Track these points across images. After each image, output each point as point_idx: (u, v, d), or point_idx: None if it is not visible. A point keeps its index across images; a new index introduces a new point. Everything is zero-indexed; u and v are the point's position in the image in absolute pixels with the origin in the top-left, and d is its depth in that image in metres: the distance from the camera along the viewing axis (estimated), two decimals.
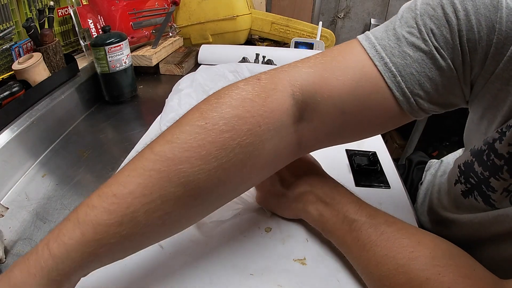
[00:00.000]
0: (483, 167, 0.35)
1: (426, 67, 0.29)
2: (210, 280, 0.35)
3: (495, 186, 0.34)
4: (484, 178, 0.35)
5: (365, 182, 0.49)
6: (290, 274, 0.36)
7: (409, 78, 0.29)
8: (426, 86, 0.30)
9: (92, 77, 0.74)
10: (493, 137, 0.32)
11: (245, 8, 1.08)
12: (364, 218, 0.33)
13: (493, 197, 0.35)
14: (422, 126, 1.47)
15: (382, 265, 0.30)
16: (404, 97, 0.30)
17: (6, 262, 0.37)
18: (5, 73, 0.61)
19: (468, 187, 0.39)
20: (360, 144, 0.59)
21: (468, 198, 0.39)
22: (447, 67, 0.29)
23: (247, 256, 0.38)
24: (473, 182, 0.37)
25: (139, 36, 0.91)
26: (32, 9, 0.67)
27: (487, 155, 0.34)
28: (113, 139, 0.63)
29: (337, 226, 0.35)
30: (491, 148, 0.33)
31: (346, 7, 2.10)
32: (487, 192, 0.35)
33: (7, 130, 0.50)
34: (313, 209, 0.37)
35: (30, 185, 0.50)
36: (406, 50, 0.29)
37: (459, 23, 0.28)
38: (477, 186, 0.37)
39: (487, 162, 0.34)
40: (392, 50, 0.30)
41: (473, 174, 0.37)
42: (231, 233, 0.40)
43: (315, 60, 0.31)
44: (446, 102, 0.33)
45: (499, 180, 0.33)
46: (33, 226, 0.42)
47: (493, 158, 0.33)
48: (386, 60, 0.30)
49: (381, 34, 0.31)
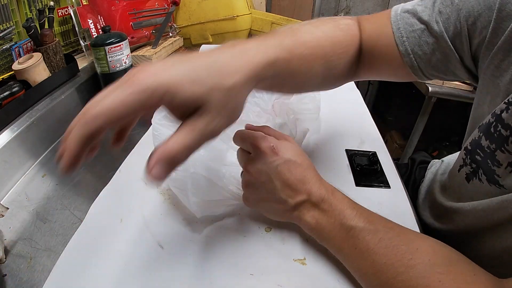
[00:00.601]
0: (490, 139, 0.36)
1: (425, 34, 0.38)
2: (210, 280, 0.35)
3: (501, 159, 0.35)
4: (491, 152, 0.36)
5: (365, 182, 0.49)
6: (290, 274, 0.36)
7: (412, 39, 0.39)
8: (424, 49, 0.39)
9: (92, 77, 0.74)
10: (500, 108, 0.35)
11: (245, 8, 1.08)
12: (361, 224, 0.33)
13: (497, 172, 0.36)
14: (422, 126, 1.47)
15: (381, 274, 0.30)
16: (406, 53, 0.40)
17: (6, 262, 0.37)
18: (5, 73, 0.61)
19: (473, 168, 0.40)
20: (360, 144, 0.59)
21: (472, 181, 0.40)
22: (441, 37, 0.37)
23: (247, 256, 0.38)
24: (479, 158, 0.38)
25: (139, 36, 0.91)
26: (32, 9, 0.67)
27: (494, 127, 0.36)
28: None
29: (334, 234, 0.34)
30: (498, 119, 0.35)
31: (346, 7, 2.10)
32: (493, 167, 0.36)
33: (7, 130, 0.50)
34: (310, 217, 0.36)
35: (30, 185, 0.50)
36: (414, 21, 0.39)
37: (460, 2, 0.35)
38: (482, 162, 0.38)
39: (494, 134, 0.36)
40: (405, 19, 0.40)
41: (480, 150, 0.38)
42: (231, 233, 0.40)
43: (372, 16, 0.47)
44: (446, 70, 0.40)
45: (505, 153, 0.35)
46: (33, 226, 0.42)
47: (500, 129, 0.35)
48: (399, 26, 0.40)
49: (406, 6, 0.41)
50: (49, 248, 0.39)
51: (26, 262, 0.37)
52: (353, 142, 0.60)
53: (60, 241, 0.40)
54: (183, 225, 0.42)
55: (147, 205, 0.45)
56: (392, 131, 1.99)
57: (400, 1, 0.44)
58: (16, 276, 0.35)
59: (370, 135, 0.63)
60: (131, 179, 0.49)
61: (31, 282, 0.35)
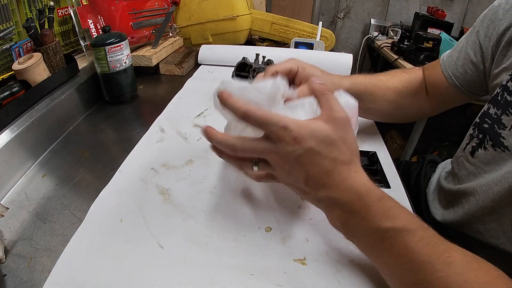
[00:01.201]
0: (497, 107, 0.44)
1: (460, 60, 0.54)
2: (210, 280, 0.35)
3: (506, 122, 0.42)
4: (497, 117, 0.44)
5: None
6: (290, 274, 0.36)
7: (452, 66, 0.55)
8: (460, 70, 0.54)
9: (92, 77, 0.74)
10: (506, 79, 0.44)
11: (245, 8, 1.08)
12: (400, 224, 0.31)
13: (503, 134, 0.43)
14: (422, 126, 1.47)
15: (419, 271, 0.30)
16: (448, 76, 0.55)
17: (6, 262, 0.37)
18: (5, 73, 0.61)
19: (479, 138, 0.47)
20: (360, 144, 0.59)
21: (477, 152, 0.46)
22: (477, 63, 0.52)
23: (247, 256, 0.38)
24: (486, 126, 0.46)
25: (139, 36, 0.91)
26: (32, 9, 0.67)
27: (501, 96, 0.44)
28: (113, 139, 0.63)
29: (367, 234, 0.32)
30: (505, 88, 0.44)
31: (346, 7, 2.10)
32: (498, 130, 0.43)
33: (7, 130, 0.50)
34: (337, 216, 0.34)
35: (30, 185, 0.50)
36: (457, 55, 0.55)
37: (482, 38, 0.50)
38: (489, 128, 0.45)
39: (500, 101, 0.44)
40: (445, 57, 0.58)
41: (487, 119, 0.46)
42: (231, 233, 0.40)
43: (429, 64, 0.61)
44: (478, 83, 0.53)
45: (509, 116, 0.42)
46: (33, 226, 0.42)
47: (506, 96, 0.43)
48: (443, 59, 0.58)
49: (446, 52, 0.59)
50: (49, 248, 0.39)
51: (26, 262, 0.37)
52: None
53: (60, 241, 0.40)
54: (183, 225, 0.42)
55: (147, 205, 0.45)
56: (392, 131, 1.99)
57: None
58: (16, 276, 0.35)
59: (370, 135, 0.63)
60: (131, 179, 0.49)
61: (31, 282, 0.35)
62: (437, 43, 1.41)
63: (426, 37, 1.42)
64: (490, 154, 0.44)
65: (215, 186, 0.48)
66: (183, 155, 0.55)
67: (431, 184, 0.63)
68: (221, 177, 0.50)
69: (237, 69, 0.69)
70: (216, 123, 0.65)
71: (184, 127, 0.64)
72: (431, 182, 0.63)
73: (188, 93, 0.80)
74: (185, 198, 0.46)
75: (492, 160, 0.44)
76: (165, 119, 0.67)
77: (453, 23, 1.71)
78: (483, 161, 0.46)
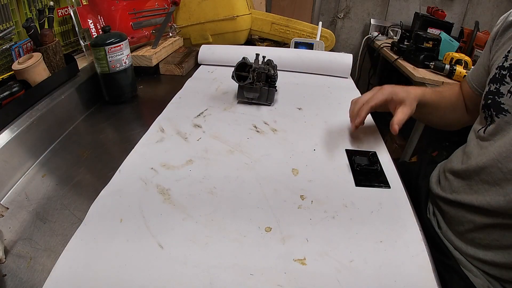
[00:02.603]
0: (495, 83, 0.50)
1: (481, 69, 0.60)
2: (210, 280, 0.35)
3: (503, 90, 0.48)
4: (496, 90, 0.50)
5: (365, 182, 0.49)
6: (290, 274, 0.36)
7: (475, 80, 0.62)
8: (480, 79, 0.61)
9: (92, 77, 0.74)
10: (501, 60, 0.51)
11: (245, 8, 1.08)
12: None
13: (502, 101, 0.48)
14: (422, 126, 1.47)
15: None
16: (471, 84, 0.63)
17: (6, 262, 0.37)
18: (5, 73, 0.61)
19: (488, 115, 0.51)
20: (360, 144, 0.59)
21: (488, 128, 0.50)
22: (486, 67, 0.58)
23: (247, 256, 0.38)
24: (490, 102, 0.50)
25: (139, 36, 0.91)
26: (32, 9, 0.67)
27: (498, 74, 0.50)
28: (113, 139, 0.63)
29: None
30: (500, 67, 0.50)
31: (346, 7, 2.10)
32: (498, 99, 0.49)
33: (7, 130, 0.50)
34: None
35: (30, 185, 0.50)
36: (477, 67, 0.62)
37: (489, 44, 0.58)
38: (492, 102, 0.50)
39: (497, 77, 0.50)
40: (472, 73, 0.64)
41: (489, 95, 0.51)
42: (231, 233, 0.40)
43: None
44: None
45: (505, 85, 0.48)
46: (33, 226, 0.42)
47: (501, 72, 0.50)
48: (469, 75, 0.64)
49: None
50: (49, 248, 0.39)
51: (26, 262, 0.37)
52: (353, 142, 0.60)
53: (60, 241, 0.40)
54: (183, 225, 0.42)
55: (147, 205, 0.45)
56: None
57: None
58: (16, 276, 0.35)
59: (370, 135, 0.63)
60: (131, 179, 0.49)
61: (31, 282, 0.35)
62: (437, 43, 1.41)
63: (426, 37, 1.42)
64: (497, 123, 0.48)
65: (215, 186, 0.48)
66: (183, 155, 0.55)
67: (434, 171, 0.66)
68: (221, 177, 0.50)
69: (237, 69, 0.69)
70: (216, 123, 0.66)
71: (184, 127, 0.64)
72: (433, 175, 0.65)
73: (188, 93, 0.80)
74: (185, 198, 0.46)
75: (499, 128, 0.48)
76: (165, 119, 0.67)
77: (453, 23, 1.71)
78: (492, 133, 0.50)
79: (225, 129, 0.63)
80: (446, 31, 1.62)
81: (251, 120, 0.67)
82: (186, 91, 0.81)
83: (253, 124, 0.65)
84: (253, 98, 0.72)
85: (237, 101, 0.75)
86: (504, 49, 0.52)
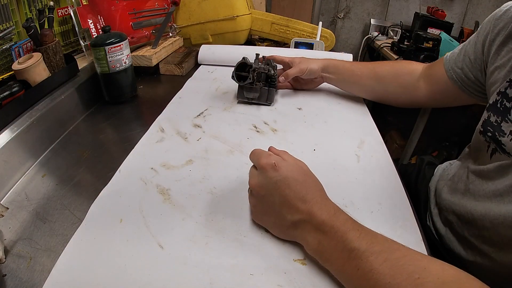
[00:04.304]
0: (497, 114, 0.44)
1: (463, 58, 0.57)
2: (210, 280, 0.35)
3: (505, 129, 0.42)
4: (497, 125, 0.44)
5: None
6: (290, 274, 0.36)
7: (452, 63, 0.59)
8: (459, 65, 0.57)
9: (92, 77, 0.74)
10: (504, 86, 0.44)
11: (245, 8, 1.08)
12: (364, 245, 0.32)
13: (503, 142, 0.42)
14: (422, 126, 1.47)
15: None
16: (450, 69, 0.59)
17: (6, 262, 0.37)
18: (5, 73, 0.61)
19: (487, 140, 0.46)
20: (360, 144, 0.59)
21: (495, 155, 0.45)
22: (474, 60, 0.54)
23: (247, 256, 0.38)
24: (490, 135, 0.45)
25: (139, 36, 0.91)
26: (32, 9, 0.67)
27: (500, 103, 0.44)
28: (113, 139, 0.63)
29: (336, 255, 0.33)
30: (504, 95, 0.43)
31: (346, 7, 2.10)
32: (499, 138, 0.43)
33: (7, 130, 0.50)
34: (311, 238, 0.35)
35: (30, 185, 0.50)
36: (458, 52, 0.59)
37: (481, 38, 0.53)
38: (492, 135, 0.44)
39: (500, 108, 0.44)
40: (449, 55, 0.62)
41: (490, 127, 0.45)
42: (231, 233, 0.40)
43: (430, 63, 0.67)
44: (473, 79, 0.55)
45: (508, 122, 0.42)
46: (33, 226, 0.42)
47: (505, 103, 0.43)
48: (447, 57, 0.61)
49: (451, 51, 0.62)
50: (49, 248, 0.39)
51: (26, 262, 0.37)
52: (353, 142, 0.60)
53: (60, 241, 0.40)
54: (183, 225, 0.42)
55: (147, 205, 0.45)
56: (392, 131, 1.99)
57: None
58: (16, 276, 0.35)
59: (370, 135, 0.63)
60: (131, 179, 0.49)
61: (31, 282, 0.35)
62: (437, 43, 1.41)
63: (426, 37, 1.42)
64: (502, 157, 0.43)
65: (215, 186, 0.48)
66: (183, 155, 0.55)
67: (435, 174, 0.64)
68: (221, 177, 0.50)
69: (237, 69, 0.69)
70: (216, 123, 0.66)
71: (184, 127, 0.64)
72: (430, 189, 0.62)
73: (188, 93, 0.80)
74: (185, 198, 0.46)
75: (504, 165, 0.43)
76: (165, 119, 0.67)
77: (453, 23, 1.71)
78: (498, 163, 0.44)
79: (225, 129, 0.63)
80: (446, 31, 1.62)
81: (251, 120, 0.67)
82: (186, 91, 0.81)
83: (253, 124, 0.65)
84: (253, 98, 0.72)
85: (237, 101, 0.75)
86: (504, 62, 0.46)
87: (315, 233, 0.35)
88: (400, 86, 0.69)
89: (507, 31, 0.46)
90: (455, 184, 0.53)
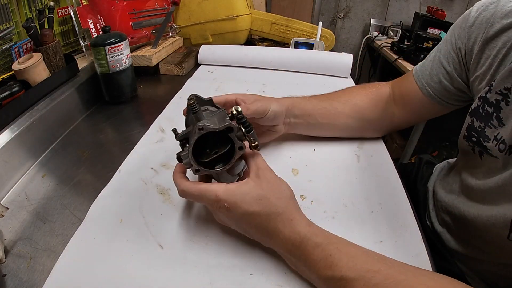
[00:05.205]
0: (480, 120, 0.43)
1: (439, 71, 0.52)
2: (210, 280, 0.35)
3: (489, 134, 0.42)
4: (481, 130, 0.43)
5: None
6: (290, 274, 0.36)
7: (427, 78, 0.53)
8: (434, 79, 0.52)
9: (92, 77, 0.74)
10: (485, 91, 0.43)
11: (245, 8, 1.08)
12: (338, 274, 0.31)
13: (488, 147, 0.42)
14: (422, 126, 1.47)
15: None
16: (422, 86, 0.54)
17: (6, 262, 0.37)
18: (5, 73, 0.61)
19: (472, 147, 0.45)
20: (360, 144, 0.59)
21: (483, 155, 0.44)
22: (451, 72, 0.50)
23: (247, 256, 0.38)
24: (475, 140, 0.44)
25: (139, 36, 0.91)
26: (32, 9, 0.67)
27: (482, 108, 0.43)
28: (113, 139, 0.63)
29: (314, 281, 0.34)
30: (484, 100, 0.43)
31: (346, 7, 2.10)
32: (484, 143, 0.43)
33: (7, 130, 0.50)
34: (289, 261, 0.36)
35: (30, 185, 0.50)
36: (431, 65, 0.54)
37: (455, 47, 0.49)
38: (477, 141, 0.44)
39: (482, 114, 0.43)
40: (419, 67, 0.56)
41: (474, 132, 0.44)
42: (231, 233, 0.40)
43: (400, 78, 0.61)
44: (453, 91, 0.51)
45: (491, 128, 0.42)
46: (33, 226, 0.42)
47: (486, 108, 0.42)
48: (416, 70, 0.56)
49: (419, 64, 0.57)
50: (49, 248, 0.39)
51: (26, 262, 0.37)
52: (353, 142, 0.60)
53: (60, 241, 0.40)
54: (183, 225, 0.42)
55: (147, 205, 0.45)
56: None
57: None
58: (16, 276, 0.35)
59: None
60: (131, 179, 0.49)
61: (31, 282, 0.35)
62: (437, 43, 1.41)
63: (426, 37, 1.42)
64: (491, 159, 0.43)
65: None
66: None
67: (434, 173, 0.63)
68: None
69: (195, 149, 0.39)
70: None
71: (184, 127, 0.63)
72: (429, 189, 0.62)
73: (188, 93, 0.79)
74: (185, 198, 0.46)
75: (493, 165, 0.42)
76: (165, 119, 0.67)
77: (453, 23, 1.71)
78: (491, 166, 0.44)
79: None
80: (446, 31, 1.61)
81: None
82: (186, 91, 0.81)
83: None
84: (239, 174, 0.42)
85: None
86: (485, 70, 0.44)
87: (290, 257, 0.35)
88: (379, 115, 0.58)
89: (483, 37, 0.44)
90: (450, 185, 0.53)
